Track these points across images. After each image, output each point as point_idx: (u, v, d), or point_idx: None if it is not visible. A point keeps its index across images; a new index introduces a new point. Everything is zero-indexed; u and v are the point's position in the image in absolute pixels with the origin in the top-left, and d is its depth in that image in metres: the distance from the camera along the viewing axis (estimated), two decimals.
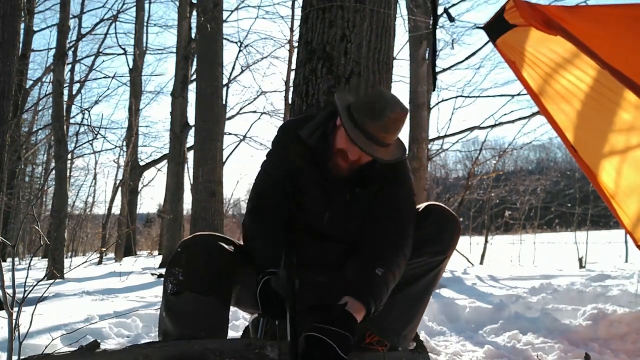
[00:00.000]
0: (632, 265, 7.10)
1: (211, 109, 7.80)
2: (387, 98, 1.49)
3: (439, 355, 2.27)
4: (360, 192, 1.59)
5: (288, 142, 1.64)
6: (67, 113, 13.20)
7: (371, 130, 1.46)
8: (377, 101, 1.49)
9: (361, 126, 1.46)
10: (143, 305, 3.80)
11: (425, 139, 7.33)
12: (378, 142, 1.47)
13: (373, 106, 1.48)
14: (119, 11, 15.66)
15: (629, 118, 2.68)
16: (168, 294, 1.42)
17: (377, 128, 1.46)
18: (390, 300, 1.56)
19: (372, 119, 1.46)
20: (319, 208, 1.61)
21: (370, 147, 1.46)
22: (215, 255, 1.46)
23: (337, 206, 1.60)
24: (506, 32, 2.49)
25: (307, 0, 2.37)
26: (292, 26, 13.43)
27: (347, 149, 1.51)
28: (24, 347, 1.65)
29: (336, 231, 1.61)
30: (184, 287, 1.39)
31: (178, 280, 1.40)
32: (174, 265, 1.44)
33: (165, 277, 1.44)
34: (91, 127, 8.90)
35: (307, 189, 1.61)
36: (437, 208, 1.65)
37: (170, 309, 1.42)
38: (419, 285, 1.59)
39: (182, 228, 9.33)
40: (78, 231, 14.83)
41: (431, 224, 1.59)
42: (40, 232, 2.02)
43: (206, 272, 1.41)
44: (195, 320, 1.38)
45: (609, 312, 2.86)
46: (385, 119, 1.46)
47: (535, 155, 27.81)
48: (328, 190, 1.60)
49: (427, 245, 1.57)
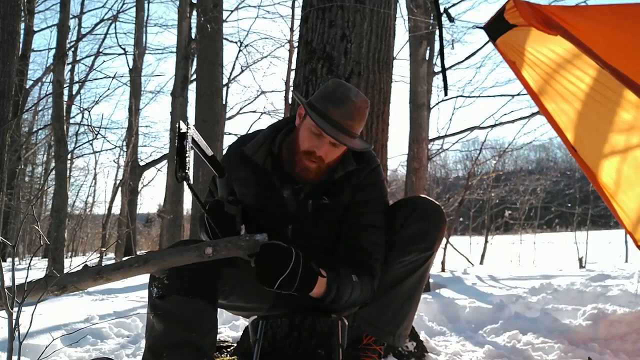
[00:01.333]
0: (632, 265, 7.11)
1: (211, 109, 7.80)
2: (346, 86, 1.50)
3: (439, 355, 2.27)
4: (328, 202, 1.56)
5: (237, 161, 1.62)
6: (67, 113, 13.18)
7: (336, 117, 1.44)
8: (336, 89, 1.49)
9: (326, 115, 1.44)
10: (143, 305, 3.81)
11: (425, 139, 7.32)
12: (344, 130, 1.45)
13: (335, 94, 1.47)
14: (119, 11, 15.66)
15: (630, 118, 2.68)
16: (154, 298, 1.41)
17: (341, 115, 1.45)
18: (382, 300, 1.57)
19: (335, 105, 1.45)
20: (280, 222, 1.58)
21: (337, 135, 1.44)
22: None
23: (299, 218, 1.57)
24: (506, 32, 2.49)
25: (307, 0, 2.37)
26: (292, 26, 13.42)
27: (313, 146, 1.47)
28: (24, 347, 1.65)
29: (303, 243, 1.55)
30: (170, 291, 1.39)
31: (163, 284, 1.40)
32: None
33: (150, 283, 1.43)
34: (91, 127, 8.90)
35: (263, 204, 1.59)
36: (421, 202, 1.61)
37: (158, 312, 1.41)
38: (408, 282, 1.59)
39: (182, 228, 9.33)
40: (78, 231, 14.82)
41: (416, 220, 1.56)
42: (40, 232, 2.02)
43: (191, 275, 1.40)
44: (184, 322, 1.37)
45: (609, 312, 2.86)
46: (350, 104, 1.45)
47: (535, 155, 27.87)
48: (285, 203, 1.57)
49: (414, 243, 1.56)
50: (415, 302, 1.65)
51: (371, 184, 1.59)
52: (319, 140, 1.47)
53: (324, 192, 1.56)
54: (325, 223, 1.58)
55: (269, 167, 1.57)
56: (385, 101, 2.30)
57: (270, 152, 1.58)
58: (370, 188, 1.59)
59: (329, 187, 1.56)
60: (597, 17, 2.35)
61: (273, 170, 1.57)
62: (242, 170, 1.60)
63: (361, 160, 1.58)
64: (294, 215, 1.57)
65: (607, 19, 2.31)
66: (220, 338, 2.47)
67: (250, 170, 1.60)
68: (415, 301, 1.65)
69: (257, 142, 1.59)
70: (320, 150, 1.47)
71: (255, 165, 1.58)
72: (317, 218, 1.57)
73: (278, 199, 1.58)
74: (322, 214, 1.57)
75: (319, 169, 1.51)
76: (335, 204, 1.57)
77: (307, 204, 1.56)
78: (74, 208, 16.46)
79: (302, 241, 1.55)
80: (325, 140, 1.46)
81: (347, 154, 1.56)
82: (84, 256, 15.88)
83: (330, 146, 1.48)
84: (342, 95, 1.47)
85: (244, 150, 1.59)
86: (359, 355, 1.65)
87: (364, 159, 1.59)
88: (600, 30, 2.25)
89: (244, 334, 2.28)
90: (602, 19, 2.32)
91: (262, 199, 1.59)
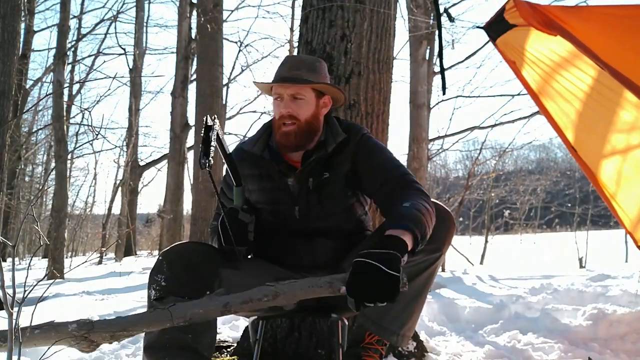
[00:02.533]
0: (632, 265, 7.10)
1: (211, 109, 7.79)
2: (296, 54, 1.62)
3: (439, 355, 2.27)
4: (328, 175, 1.60)
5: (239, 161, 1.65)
6: (67, 113, 13.17)
7: (282, 73, 1.57)
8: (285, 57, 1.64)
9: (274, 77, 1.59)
10: (143, 305, 3.81)
11: (425, 139, 7.33)
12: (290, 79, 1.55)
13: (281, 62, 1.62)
14: (119, 11, 15.65)
15: (630, 118, 2.68)
16: (152, 300, 1.43)
17: (285, 70, 1.58)
18: None
19: (281, 65, 1.60)
20: (287, 207, 1.63)
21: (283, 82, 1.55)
22: (195, 260, 1.48)
23: (303, 198, 1.62)
24: (506, 32, 2.49)
25: (307, 0, 2.37)
26: (292, 26, 13.41)
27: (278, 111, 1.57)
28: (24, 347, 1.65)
29: (315, 223, 1.62)
30: (167, 292, 1.41)
31: (161, 286, 1.42)
32: (156, 272, 1.45)
33: (148, 285, 1.46)
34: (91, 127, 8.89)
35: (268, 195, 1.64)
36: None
37: None
38: (415, 283, 1.59)
39: (182, 228, 9.34)
40: (78, 231, 14.84)
41: None
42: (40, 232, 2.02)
43: (188, 277, 1.43)
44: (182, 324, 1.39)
45: (609, 312, 2.86)
46: (292, 59, 1.60)
47: (535, 155, 27.89)
48: (289, 187, 1.63)
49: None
50: (421, 302, 1.65)
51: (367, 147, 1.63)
52: (280, 101, 1.57)
53: (322, 168, 1.61)
54: (329, 198, 1.61)
55: (267, 157, 1.63)
56: (385, 101, 2.30)
57: (268, 144, 1.65)
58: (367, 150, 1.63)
59: (326, 163, 1.61)
60: (597, 17, 2.35)
61: (272, 158, 1.63)
62: (245, 167, 1.65)
63: (350, 130, 1.65)
64: (297, 197, 1.62)
65: (607, 19, 2.31)
66: (220, 338, 2.47)
67: (253, 166, 1.65)
68: (421, 302, 1.65)
69: (254, 137, 1.69)
70: (285, 109, 1.56)
71: (255, 158, 1.64)
72: (319, 195, 1.61)
73: (281, 185, 1.63)
74: (324, 189, 1.61)
75: (299, 129, 1.57)
76: (335, 176, 1.61)
77: (308, 182, 1.60)
78: (74, 208, 16.51)
79: (311, 221, 1.61)
80: (284, 96, 1.56)
81: (334, 127, 1.63)
82: (84, 256, 15.89)
83: (291, 100, 1.56)
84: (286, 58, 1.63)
85: (242, 147, 1.67)
86: (360, 354, 1.66)
87: (352, 129, 1.65)
88: (600, 31, 2.25)
89: (244, 334, 2.28)
90: (602, 19, 2.32)
91: (267, 190, 1.64)
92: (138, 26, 15.31)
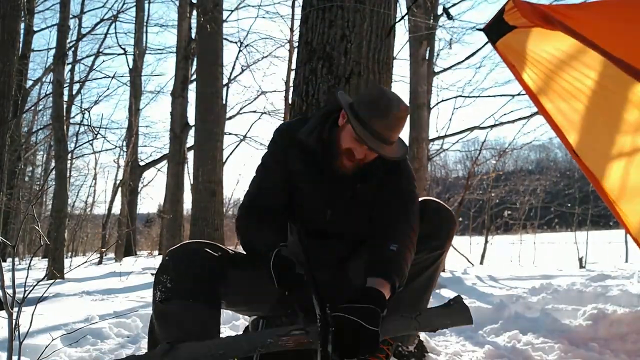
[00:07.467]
0: (632, 265, 7.10)
1: (211, 109, 7.79)
2: (389, 96, 1.51)
3: (439, 355, 2.27)
4: (362, 187, 1.61)
5: (286, 145, 1.65)
6: (67, 113, 13.18)
7: (378, 129, 1.47)
8: (380, 98, 1.50)
9: (368, 125, 1.47)
10: (143, 305, 3.81)
11: (425, 139, 7.33)
12: (384, 140, 1.49)
13: (378, 104, 1.49)
14: (119, 11, 15.63)
15: (634, 120, 2.66)
16: (157, 302, 1.43)
17: (383, 126, 1.47)
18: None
19: (378, 117, 1.47)
20: (320, 207, 1.63)
21: (378, 146, 1.48)
22: (201, 261, 1.47)
23: (338, 204, 1.62)
24: (506, 34, 2.48)
25: (307, 0, 2.37)
26: (292, 26, 13.41)
27: (354, 148, 1.52)
28: (24, 347, 1.65)
29: (338, 228, 1.63)
30: (173, 295, 1.41)
31: (166, 287, 1.42)
32: (162, 273, 1.45)
33: (154, 286, 1.46)
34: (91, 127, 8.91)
35: (306, 189, 1.63)
36: (432, 203, 1.67)
37: (161, 316, 1.44)
38: (419, 281, 1.60)
39: (182, 228, 9.32)
40: (78, 231, 14.82)
41: (428, 219, 1.60)
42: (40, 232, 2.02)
43: (193, 279, 1.42)
44: (186, 326, 1.39)
45: (609, 312, 2.86)
46: (392, 117, 1.48)
47: (535, 155, 27.87)
48: (329, 188, 1.62)
49: (425, 241, 1.58)
50: (425, 301, 1.65)
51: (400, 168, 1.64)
52: (359, 145, 1.51)
53: (359, 178, 1.61)
54: (360, 207, 1.62)
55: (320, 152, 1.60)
56: None
57: (321, 138, 1.61)
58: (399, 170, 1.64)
59: (363, 173, 1.61)
60: (599, 10, 2.32)
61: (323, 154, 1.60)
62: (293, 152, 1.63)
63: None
64: (333, 201, 1.62)
65: (610, 11, 2.28)
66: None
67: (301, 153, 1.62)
68: (426, 300, 1.65)
69: (309, 125, 1.64)
70: (359, 154, 1.53)
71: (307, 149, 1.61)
72: (352, 204, 1.62)
73: (321, 185, 1.62)
74: (357, 199, 1.62)
75: (356, 165, 1.57)
76: (369, 189, 1.62)
77: (346, 189, 1.61)
78: (74, 208, 16.47)
79: (338, 226, 1.63)
80: (365, 147, 1.51)
81: None
82: (84, 256, 15.88)
83: (369, 151, 1.52)
84: (385, 107, 1.49)
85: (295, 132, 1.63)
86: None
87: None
88: (604, 24, 2.21)
89: (244, 333, 2.28)
90: (604, 11, 2.29)
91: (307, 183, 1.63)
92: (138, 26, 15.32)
